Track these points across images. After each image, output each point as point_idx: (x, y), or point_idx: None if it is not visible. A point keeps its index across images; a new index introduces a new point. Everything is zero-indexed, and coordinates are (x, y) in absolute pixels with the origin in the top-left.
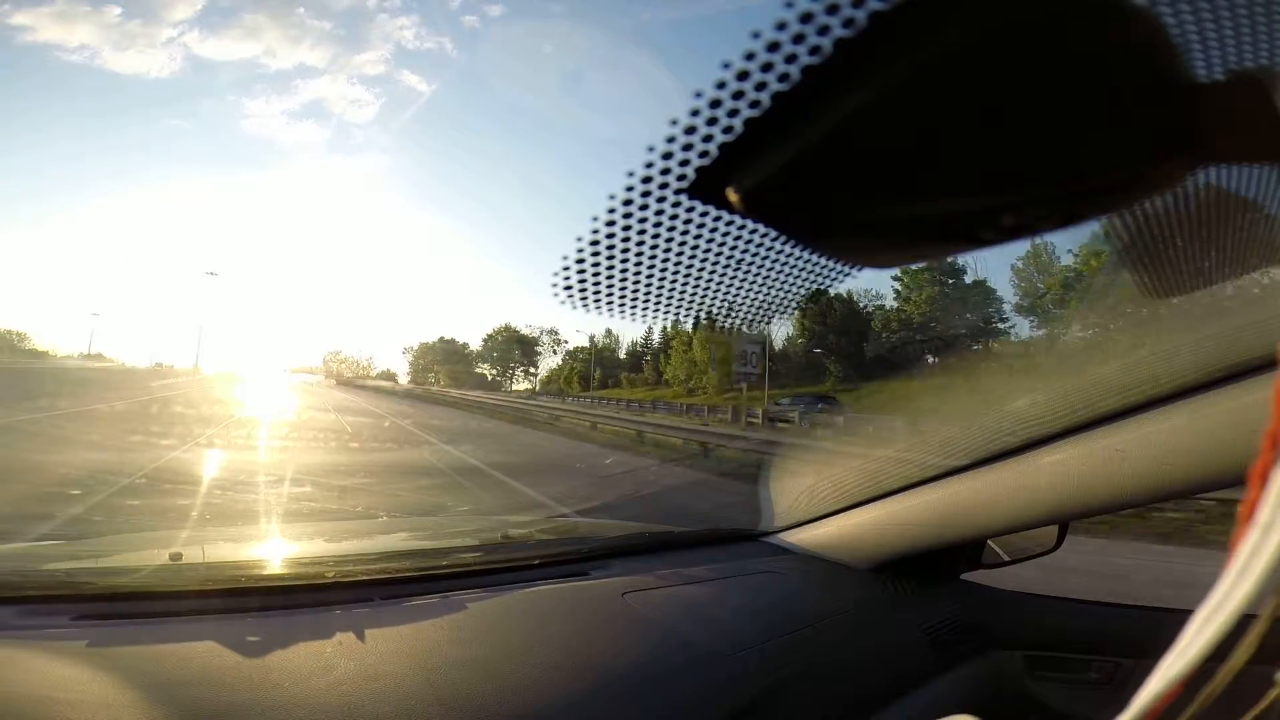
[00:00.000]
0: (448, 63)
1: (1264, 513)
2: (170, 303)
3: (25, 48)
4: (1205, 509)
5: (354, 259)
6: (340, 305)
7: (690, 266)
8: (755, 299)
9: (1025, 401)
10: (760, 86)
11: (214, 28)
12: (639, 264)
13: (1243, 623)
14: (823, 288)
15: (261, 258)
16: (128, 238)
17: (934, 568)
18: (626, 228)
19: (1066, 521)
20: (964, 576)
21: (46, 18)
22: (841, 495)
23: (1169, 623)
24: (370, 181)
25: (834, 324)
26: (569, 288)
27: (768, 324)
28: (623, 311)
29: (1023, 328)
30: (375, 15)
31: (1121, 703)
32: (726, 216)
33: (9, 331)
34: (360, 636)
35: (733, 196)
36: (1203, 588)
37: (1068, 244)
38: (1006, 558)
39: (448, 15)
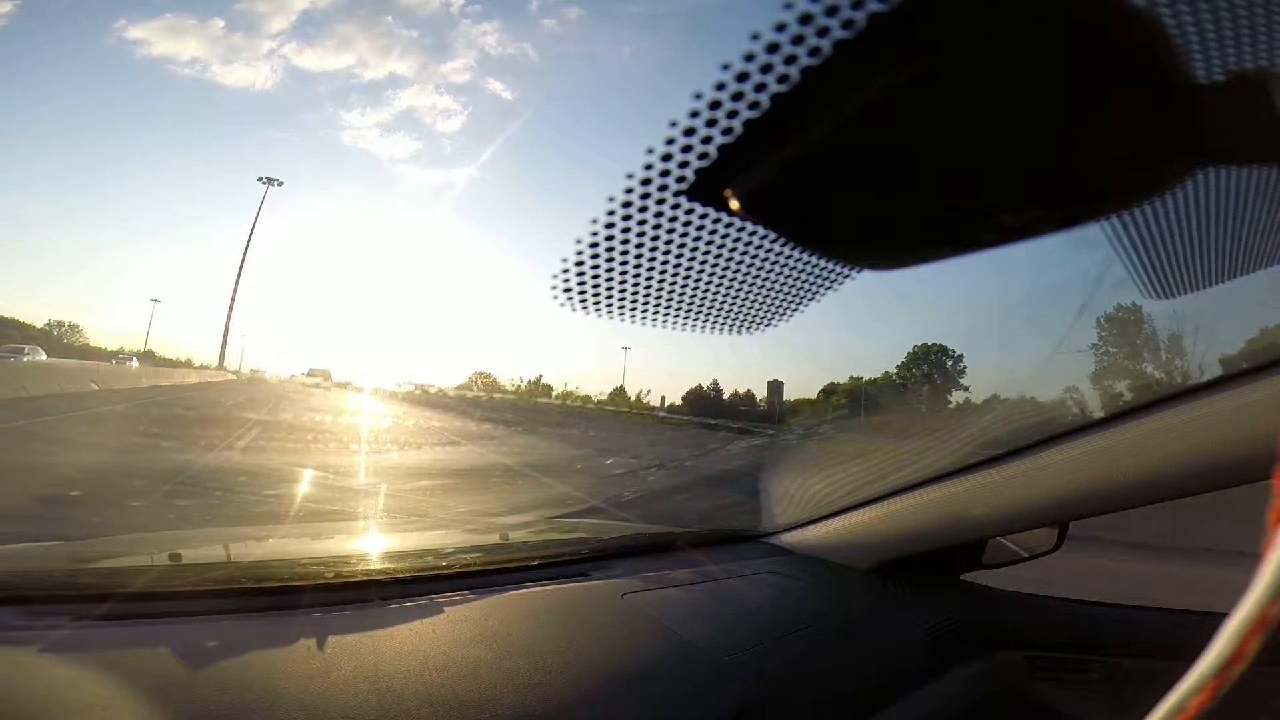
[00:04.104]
0: (530, 68)
1: None
2: (254, 307)
3: (143, 62)
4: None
5: (456, 278)
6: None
7: (690, 268)
8: (756, 301)
9: (1024, 402)
10: (759, 88)
11: (309, 38)
12: (638, 266)
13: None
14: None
15: (366, 273)
16: (227, 246)
17: (934, 568)
18: (626, 230)
19: (1066, 521)
20: (964, 576)
21: (159, 31)
22: (841, 495)
23: (1169, 623)
24: (459, 192)
25: None
26: (568, 290)
27: (769, 326)
28: (621, 314)
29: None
30: (459, 21)
31: (1121, 703)
32: (726, 218)
33: (59, 323)
34: (361, 638)
35: (731, 198)
36: (1200, 588)
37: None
38: (1006, 558)
39: (528, 19)
